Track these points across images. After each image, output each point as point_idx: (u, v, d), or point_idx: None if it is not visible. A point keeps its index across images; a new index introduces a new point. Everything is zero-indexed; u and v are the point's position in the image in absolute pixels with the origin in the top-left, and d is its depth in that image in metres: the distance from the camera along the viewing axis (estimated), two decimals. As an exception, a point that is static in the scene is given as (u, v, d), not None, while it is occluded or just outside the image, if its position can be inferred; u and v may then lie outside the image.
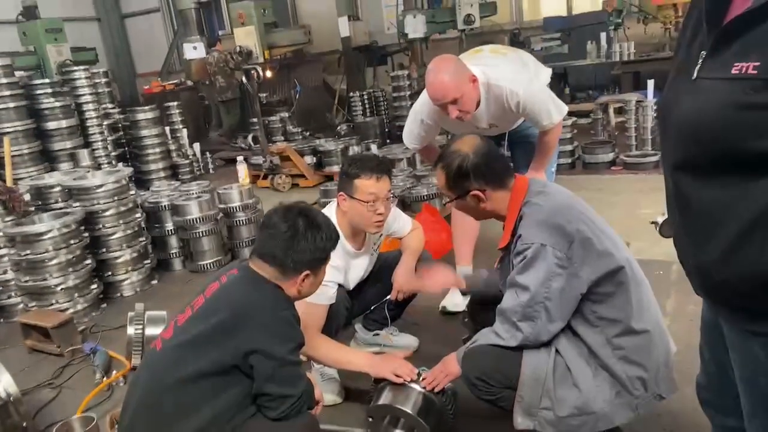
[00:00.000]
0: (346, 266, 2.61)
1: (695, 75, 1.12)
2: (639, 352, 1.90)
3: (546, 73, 3.27)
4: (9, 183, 4.39)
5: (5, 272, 4.03)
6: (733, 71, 1.02)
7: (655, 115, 6.22)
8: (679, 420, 2.27)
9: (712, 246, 1.14)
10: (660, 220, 2.07)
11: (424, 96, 3.01)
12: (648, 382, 1.91)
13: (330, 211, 2.50)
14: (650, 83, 6.21)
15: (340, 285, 2.55)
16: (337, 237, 1.99)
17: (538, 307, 1.85)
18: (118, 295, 4.33)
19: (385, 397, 2.21)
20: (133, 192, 4.54)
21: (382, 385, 2.28)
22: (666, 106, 1.22)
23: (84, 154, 6.43)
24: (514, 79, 2.89)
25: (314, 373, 2.71)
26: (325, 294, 2.40)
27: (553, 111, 2.92)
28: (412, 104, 3.24)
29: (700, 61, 1.11)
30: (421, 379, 2.20)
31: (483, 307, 2.34)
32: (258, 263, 1.87)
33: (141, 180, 7.64)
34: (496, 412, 2.02)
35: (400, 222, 2.84)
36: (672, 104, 1.18)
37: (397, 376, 2.20)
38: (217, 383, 1.70)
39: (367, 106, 9.62)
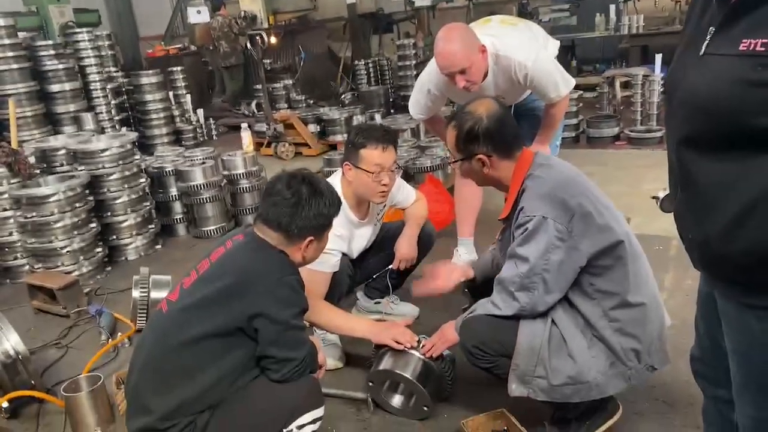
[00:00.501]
0: (350, 235, 2.64)
1: (703, 51, 1.12)
2: (634, 325, 1.93)
3: (554, 45, 3.25)
4: (14, 145, 4.40)
5: (11, 234, 4.07)
6: (741, 48, 1.03)
7: (661, 90, 6.18)
8: (673, 391, 2.32)
9: (713, 221, 1.16)
10: (661, 195, 2.08)
11: (431, 65, 2.99)
12: (641, 354, 1.95)
13: (335, 181, 2.51)
14: (658, 57, 6.14)
15: (343, 254, 2.58)
16: (340, 203, 2.01)
17: (536, 279, 1.88)
18: (123, 258, 4.38)
19: (386, 363, 2.26)
20: (137, 157, 4.55)
21: (382, 351, 2.33)
22: (672, 81, 1.23)
23: (88, 118, 6.41)
24: (523, 50, 2.86)
25: (317, 339, 2.76)
26: (329, 262, 2.44)
27: (561, 84, 2.91)
28: (417, 74, 3.23)
29: (709, 36, 1.12)
30: (420, 346, 2.25)
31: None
32: (262, 229, 1.89)
33: (144, 145, 7.63)
34: (492, 378, 2.07)
35: (404, 192, 2.85)
36: (679, 79, 1.18)
37: (398, 343, 2.24)
38: (222, 345, 1.74)
39: (371, 74, 9.53)
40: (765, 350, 1.19)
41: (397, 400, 2.35)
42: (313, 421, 1.82)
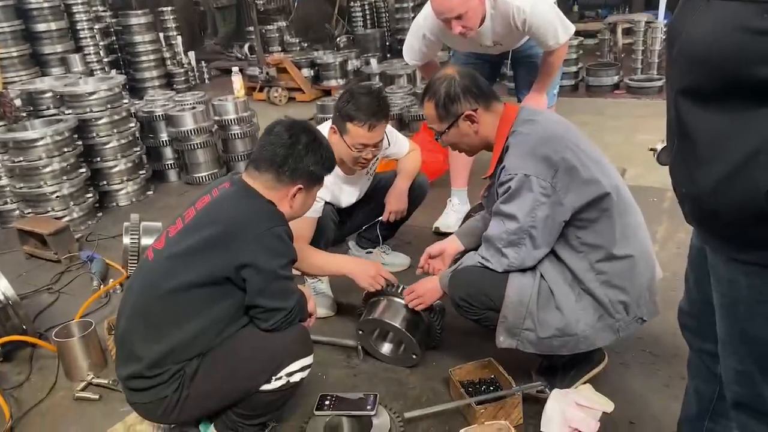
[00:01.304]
0: (338, 188, 2.60)
1: None
2: (621, 277, 1.93)
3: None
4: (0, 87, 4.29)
5: (0, 178, 4.01)
6: None
7: (663, 37, 6.05)
8: (660, 343, 2.34)
9: (707, 174, 1.13)
10: (659, 147, 2.03)
11: (426, 9, 2.88)
12: (630, 306, 1.95)
13: (325, 130, 2.45)
14: (662, 3, 6.00)
15: (328, 203, 2.55)
16: (334, 164, 1.99)
17: (524, 235, 1.88)
18: (114, 204, 4.35)
19: (375, 312, 2.27)
20: (126, 101, 4.45)
21: (372, 301, 2.34)
22: (675, 27, 1.17)
23: (75, 59, 6.24)
24: None
25: (307, 288, 2.77)
26: (314, 208, 2.40)
27: (560, 31, 2.81)
28: (415, 16, 3.11)
29: None
30: (400, 290, 2.26)
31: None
32: (252, 174, 1.85)
33: (135, 88, 7.49)
34: (480, 329, 2.08)
35: (398, 145, 2.80)
36: (681, 25, 1.13)
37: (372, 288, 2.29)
38: (209, 294, 1.73)
39: (368, 17, 9.30)
40: (749, 305, 1.19)
41: (386, 348, 2.37)
42: (302, 369, 1.83)
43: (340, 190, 2.64)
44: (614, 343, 2.08)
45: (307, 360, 1.84)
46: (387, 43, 8.80)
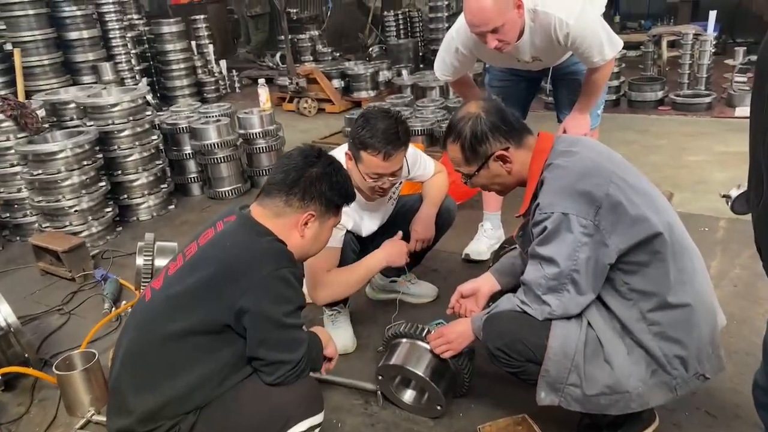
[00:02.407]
0: (358, 215, 2.42)
1: None
2: (677, 328, 1.71)
3: (601, 1, 2.88)
4: (21, 98, 4.22)
5: (19, 190, 3.93)
6: None
7: (713, 50, 5.72)
8: (717, 400, 2.08)
9: None
10: (734, 193, 1.77)
11: (460, 21, 2.66)
12: (688, 362, 1.72)
13: (340, 155, 2.25)
14: (712, 14, 5.67)
15: (348, 231, 2.37)
16: (351, 194, 1.82)
17: (565, 280, 1.68)
18: (135, 218, 4.24)
19: (397, 357, 2.07)
20: (149, 113, 4.33)
21: (394, 343, 2.13)
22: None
23: (106, 68, 6.20)
24: (565, 6, 2.50)
25: (325, 320, 2.58)
26: (335, 236, 2.21)
27: (606, 46, 2.56)
28: (449, 27, 2.89)
29: None
30: (425, 333, 2.05)
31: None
32: (263, 203, 1.69)
33: (166, 96, 7.47)
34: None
35: (422, 166, 2.59)
36: None
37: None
38: (208, 342, 1.55)
39: (401, 27, 9.12)
40: None
41: (408, 395, 2.16)
42: (311, 429, 1.63)
43: (360, 217, 2.45)
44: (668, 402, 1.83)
45: (317, 419, 1.65)
46: (420, 54, 8.62)
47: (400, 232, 2.43)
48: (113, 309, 2.99)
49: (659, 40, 6.51)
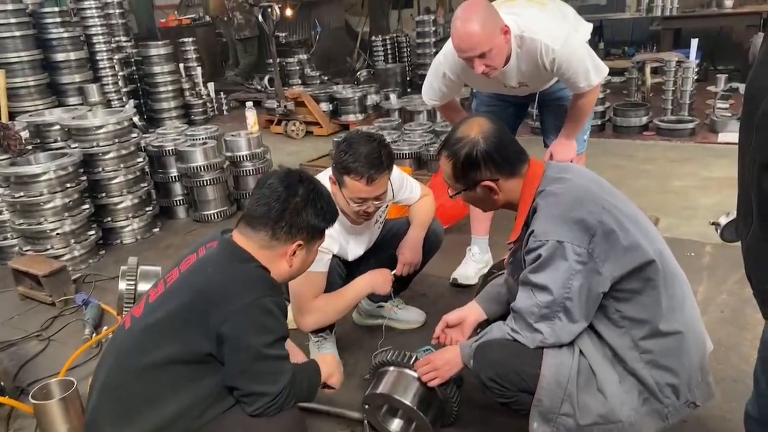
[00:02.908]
0: (344, 239, 2.40)
1: None
2: (669, 356, 1.70)
3: (586, 28, 2.92)
4: (4, 119, 4.18)
5: (1, 213, 3.87)
6: None
7: (696, 77, 5.81)
8: (706, 428, 2.06)
9: None
10: (723, 221, 1.77)
11: (447, 46, 2.67)
12: (680, 389, 1.72)
13: (324, 179, 2.23)
14: (694, 42, 5.77)
15: (335, 255, 2.34)
16: (336, 215, 1.79)
17: (557, 308, 1.66)
18: (118, 242, 4.17)
19: (384, 386, 2.02)
20: (135, 134, 4.30)
21: (381, 371, 2.09)
22: (757, 87, 0.94)
23: (93, 89, 6.17)
24: (551, 32, 2.53)
25: (311, 346, 2.54)
26: (321, 260, 2.18)
27: (592, 72, 2.59)
28: (437, 52, 2.90)
29: None
30: (413, 362, 2.01)
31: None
32: (245, 233, 1.65)
33: (153, 119, 7.43)
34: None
35: (408, 190, 2.58)
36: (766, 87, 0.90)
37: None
38: (189, 372, 1.51)
39: (389, 51, 9.20)
40: None
41: (395, 425, 2.12)
42: (294, 461, 1.59)
43: (346, 241, 2.43)
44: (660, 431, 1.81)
45: (301, 452, 1.60)
46: (407, 78, 8.68)
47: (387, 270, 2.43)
48: (94, 335, 2.92)
49: (643, 66, 6.61)
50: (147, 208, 4.29)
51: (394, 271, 2.47)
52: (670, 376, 1.70)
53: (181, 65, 7.96)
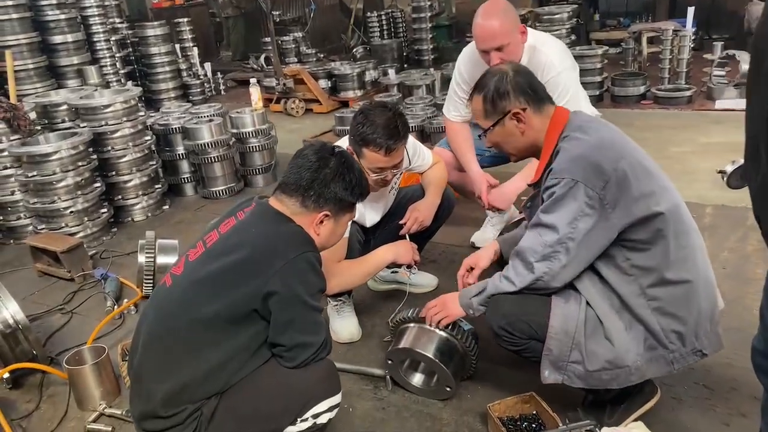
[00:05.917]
0: (361, 206, 2.47)
1: None
2: (676, 304, 1.76)
3: (587, 100, 2.97)
4: (13, 100, 4.20)
5: (13, 193, 3.92)
6: None
7: (692, 45, 5.86)
8: (714, 375, 2.17)
9: None
10: (729, 168, 1.83)
11: (465, 50, 2.92)
12: (686, 336, 1.78)
13: (343, 146, 2.30)
14: (690, 11, 5.82)
15: (353, 221, 2.42)
16: (365, 191, 1.85)
17: (560, 248, 1.72)
18: (129, 219, 4.24)
19: (406, 341, 2.12)
20: (142, 113, 4.34)
21: (402, 328, 2.18)
22: (765, 40, 1.01)
23: (92, 71, 6.19)
24: (560, 55, 2.73)
25: (330, 310, 2.63)
26: None
27: (583, 101, 2.77)
28: (432, 26, 3.06)
29: None
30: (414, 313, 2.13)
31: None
32: (280, 198, 1.73)
33: (151, 100, 7.44)
34: (518, 357, 1.92)
35: (421, 157, 2.65)
36: None
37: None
38: (232, 326, 1.59)
39: (384, 27, 9.18)
40: None
41: (417, 378, 2.22)
42: (330, 409, 1.68)
43: (363, 207, 2.50)
44: (666, 376, 1.90)
45: (335, 399, 1.69)
46: (404, 53, 8.67)
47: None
48: (116, 307, 3.00)
49: (639, 36, 6.65)
50: (156, 186, 4.35)
51: (401, 221, 2.54)
52: (677, 323, 1.76)
53: (177, 46, 7.95)
